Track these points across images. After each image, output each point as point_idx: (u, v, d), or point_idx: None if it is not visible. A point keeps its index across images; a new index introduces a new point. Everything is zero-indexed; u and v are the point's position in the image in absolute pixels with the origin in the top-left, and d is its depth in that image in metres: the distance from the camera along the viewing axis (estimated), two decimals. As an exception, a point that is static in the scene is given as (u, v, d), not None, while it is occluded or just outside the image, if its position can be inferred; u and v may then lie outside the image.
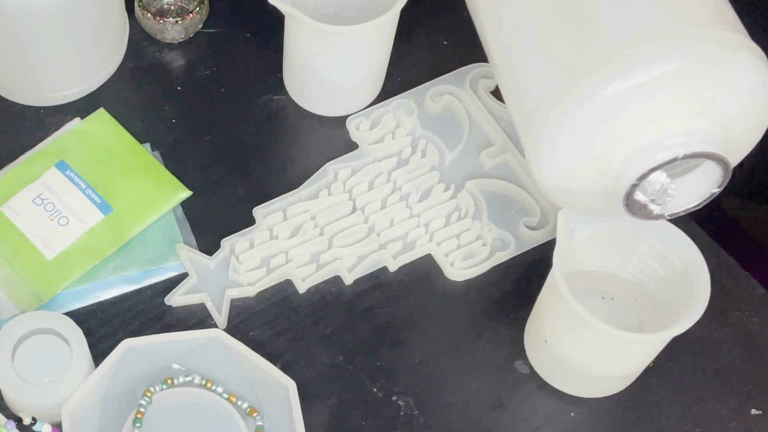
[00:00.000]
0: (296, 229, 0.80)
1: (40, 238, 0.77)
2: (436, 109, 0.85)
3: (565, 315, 0.69)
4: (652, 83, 0.62)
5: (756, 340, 0.79)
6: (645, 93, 0.62)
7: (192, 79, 0.87)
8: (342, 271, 0.79)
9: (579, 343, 0.71)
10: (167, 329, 0.76)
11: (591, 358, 0.71)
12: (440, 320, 0.78)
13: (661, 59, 0.62)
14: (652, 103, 0.62)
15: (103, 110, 0.83)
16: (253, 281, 0.78)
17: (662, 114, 0.63)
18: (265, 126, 0.85)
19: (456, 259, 0.79)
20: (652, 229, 0.71)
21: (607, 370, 0.73)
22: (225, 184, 0.82)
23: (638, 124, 0.63)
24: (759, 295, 0.80)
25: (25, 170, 0.79)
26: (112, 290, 0.78)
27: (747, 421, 0.76)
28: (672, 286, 0.72)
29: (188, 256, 0.78)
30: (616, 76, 0.62)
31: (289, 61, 0.84)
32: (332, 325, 0.78)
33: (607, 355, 0.71)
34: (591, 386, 0.75)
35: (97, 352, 0.74)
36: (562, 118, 0.64)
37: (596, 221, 0.70)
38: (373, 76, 0.85)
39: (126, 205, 0.79)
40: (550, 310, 0.72)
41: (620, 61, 0.62)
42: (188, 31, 0.87)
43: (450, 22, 0.90)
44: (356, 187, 0.81)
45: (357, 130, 0.84)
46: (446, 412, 0.75)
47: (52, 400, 0.70)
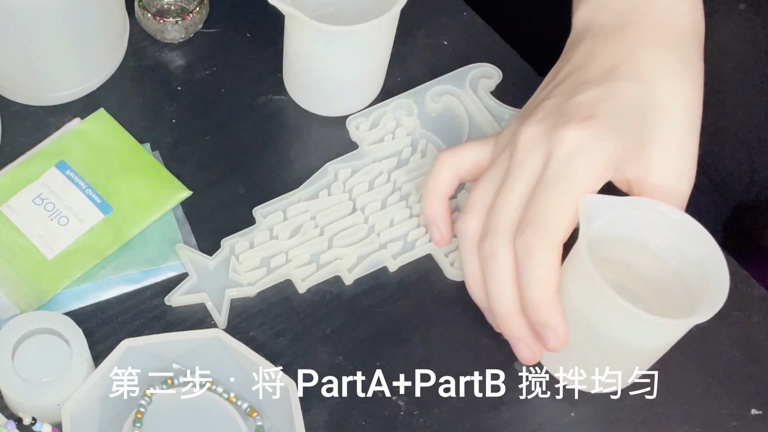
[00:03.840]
0: (296, 229, 0.80)
1: (40, 238, 0.77)
2: (436, 109, 0.85)
3: (586, 293, 0.68)
4: None
5: (756, 340, 0.79)
6: None
7: (192, 79, 0.87)
8: (342, 271, 0.79)
9: (594, 325, 0.69)
10: (167, 329, 0.76)
11: (605, 341, 0.70)
12: (440, 320, 0.78)
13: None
14: None
15: (103, 110, 0.83)
16: (253, 281, 0.78)
17: None
18: (265, 126, 0.85)
19: (456, 259, 0.79)
20: (668, 219, 0.70)
21: (619, 356, 0.71)
22: (225, 184, 0.82)
23: None
24: (759, 295, 0.80)
25: (25, 170, 0.79)
26: (112, 290, 0.78)
27: (747, 421, 0.76)
28: (684, 279, 0.71)
29: (188, 256, 0.78)
30: None
31: (289, 61, 0.84)
32: (332, 325, 0.78)
33: (623, 339, 0.70)
34: (597, 377, 0.74)
35: (97, 352, 0.74)
36: None
37: (615, 207, 0.69)
38: (373, 76, 0.85)
39: (126, 205, 0.79)
40: (567, 288, 0.70)
41: None
42: (188, 31, 0.87)
43: (450, 22, 0.90)
44: (356, 187, 0.81)
45: (357, 130, 0.84)
46: (446, 412, 0.75)
47: (52, 400, 0.70)
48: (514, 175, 0.70)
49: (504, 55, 0.88)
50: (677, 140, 0.70)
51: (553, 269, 0.67)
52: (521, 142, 0.70)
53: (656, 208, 0.70)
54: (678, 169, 0.70)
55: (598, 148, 0.68)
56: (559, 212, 0.67)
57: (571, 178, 0.68)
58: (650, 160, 0.70)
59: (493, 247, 0.69)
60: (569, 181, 0.68)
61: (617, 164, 0.69)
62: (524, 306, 0.69)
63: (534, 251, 0.67)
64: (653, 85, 0.70)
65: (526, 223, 0.68)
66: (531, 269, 0.67)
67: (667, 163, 0.70)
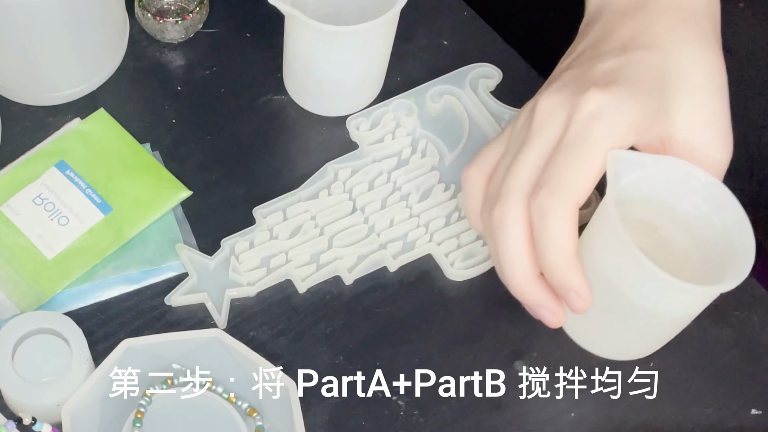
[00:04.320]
0: (296, 229, 0.80)
1: (40, 238, 0.77)
2: (436, 109, 0.85)
3: (610, 254, 0.66)
4: None
5: (756, 340, 0.79)
6: None
7: (192, 79, 0.87)
8: (342, 271, 0.79)
9: (617, 288, 0.67)
10: (167, 329, 0.76)
11: (628, 305, 0.68)
12: (440, 320, 0.78)
13: None
14: None
15: (103, 110, 0.83)
16: (253, 281, 0.78)
17: None
18: (265, 126, 0.85)
19: (456, 259, 0.79)
20: (698, 182, 0.67)
21: (642, 324, 0.69)
22: (225, 184, 0.82)
23: None
24: (759, 295, 0.80)
25: (25, 170, 0.79)
26: (112, 290, 0.78)
27: (747, 421, 0.76)
28: (708, 246, 0.69)
29: (188, 256, 0.78)
30: None
31: (289, 61, 0.84)
32: (332, 325, 0.78)
33: (647, 304, 0.67)
34: (620, 342, 0.72)
35: (97, 352, 0.74)
36: None
37: (644, 165, 0.67)
38: (373, 76, 0.85)
39: (126, 205, 0.79)
40: (591, 246, 0.68)
41: None
42: (188, 31, 0.87)
43: (450, 22, 0.90)
44: (356, 187, 0.81)
45: (357, 130, 0.84)
46: (446, 412, 0.75)
47: (52, 400, 0.70)
48: (530, 140, 0.67)
49: (504, 55, 0.88)
50: (702, 105, 0.68)
51: (569, 231, 0.65)
52: (539, 110, 0.68)
53: (686, 169, 0.67)
54: (706, 135, 0.68)
55: (620, 111, 0.66)
56: (577, 174, 0.65)
57: (591, 139, 0.65)
58: (674, 124, 0.68)
59: (503, 212, 0.67)
60: (590, 143, 0.65)
61: (640, 129, 0.67)
62: (543, 270, 0.66)
63: (549, 213, 0.64)
64: (672, 54, 0.69)
65: (541, 185, 0.65)
66: (547, 232, 0.65)
67: (693, 128, 0.68)
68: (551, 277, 0.66)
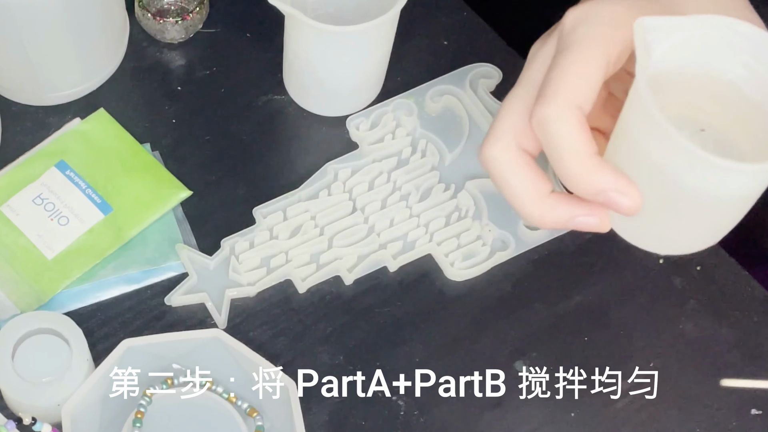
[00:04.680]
0: (296, 229, 0.80)
1: (40, 238, 0.77)
2: (436, 109, 0.85)
3: (646, 139, 0.57)
4: None
5: (756, 340, 0.79)
6: None
7: (192, 79, 0.87)
8: (342, 271, 0.79)
9: (658, 177, 0.58)
10: (167, 329, 0.76)
11: (672, 194, 0.58)
12: (440, 320, 0.78)
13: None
14: None
15: (103, 110, 0.83)
16: (253, 281, 0.78)
17: None
18: (265, 126, 0.85)
19: (456, 259, 0.79)
20: (748, 41, 0.57)
21: (694, 212, 0.59)
22: (225, 184, 0.82)
23: None
24: (759, 295, 0.80)
25: (25, 170, 0.79)
26: (112, 290, 0.78)
27: (747, 421, 0.76)
28: (761, 123, 0.59)
29: (188, 256, 0.78)
30: None
31: (289, 61, 0.84)
32: (332, 325, 0.78)
33: (695, 191, 0.57)
34: (675, 234, 0.62)
35: (97, 352, 0.74)
36: None
37: (680, 30, 0.57)
38: (373, 76, 0.85)
39: (126, 205, 0.79)
40: (626, 138, 0.59)
41: None
42: (188, 31, 0.87)
43: (450, 22, 0.90)
44: (356, 187, 0.81)
45: (357, 130, 0.84)
46: (446, 412, 0.75)
47: (52, 400, 0.70)
48: (519, 80, 0.62)
49: (504, 55, 0.89)
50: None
51: (575, 134, 0.57)
52: (529, 55, 0.63)
53: (733, 27, 0.57)
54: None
55: (608, 7, 0.59)
56: (566, 77, 0.58)
57: (579, 42, 0.59)
58: (687, 11, 0.60)
59: (496, 152, 0.60)
60: (578, 45, 0.59)
61: (630, 21, 0.59)
62: (566, 185, 0.59)
63: (547, 122, 0.58)
64: None
65: (535, 102, 0.59)
66: (553, 143, 0.58)
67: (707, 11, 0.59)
68: (576, 188, 0.59)
